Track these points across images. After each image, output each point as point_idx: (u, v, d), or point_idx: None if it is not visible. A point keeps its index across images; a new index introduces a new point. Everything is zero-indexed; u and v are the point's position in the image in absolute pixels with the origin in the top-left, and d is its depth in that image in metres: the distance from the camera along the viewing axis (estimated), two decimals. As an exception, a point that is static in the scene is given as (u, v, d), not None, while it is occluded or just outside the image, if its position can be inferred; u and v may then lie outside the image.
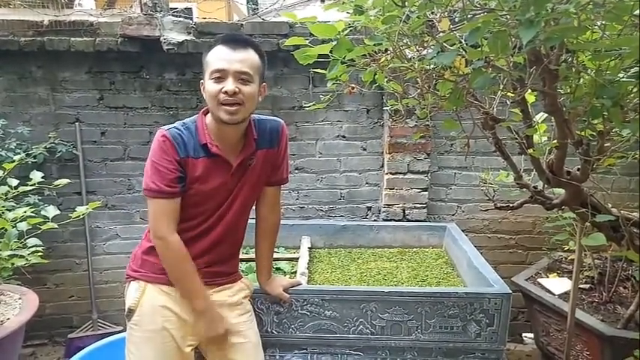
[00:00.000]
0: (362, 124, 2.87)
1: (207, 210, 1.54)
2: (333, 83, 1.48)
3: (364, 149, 2.90)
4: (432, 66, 1.35)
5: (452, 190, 2.92)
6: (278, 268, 2.42)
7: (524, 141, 1.65)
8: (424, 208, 2.83)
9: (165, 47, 2.53)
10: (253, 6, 5.31)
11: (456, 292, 1.81)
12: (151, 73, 2.70)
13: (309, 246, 2.56)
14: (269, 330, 1.86)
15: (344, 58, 1.28)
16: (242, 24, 2.68)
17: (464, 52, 1.31)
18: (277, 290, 1.81)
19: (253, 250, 1.92)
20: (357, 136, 2.89)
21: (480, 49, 1.26)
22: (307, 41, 1.41)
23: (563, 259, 2.68)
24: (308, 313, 1.85)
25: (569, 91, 1.44)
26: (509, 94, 1.67)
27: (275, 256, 2.46)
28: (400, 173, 2.79)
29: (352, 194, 2.95)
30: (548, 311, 2.27)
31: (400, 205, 2.83)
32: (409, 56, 1.43)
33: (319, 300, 1.84)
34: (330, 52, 1.35)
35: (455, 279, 2.29)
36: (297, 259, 2.38)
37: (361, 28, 1.53)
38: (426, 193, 2.82)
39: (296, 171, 2.91)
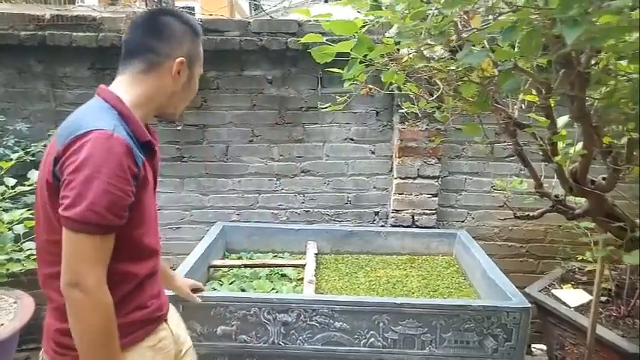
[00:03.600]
0: (371, 126, 2.79)
1: (149, 231, 1.19)
2: (351, 83, 1.39)
3: (373, 152, 2.82)
4: (455, 67, 1.27)
5: (462, 196, 2.84)
6: (284, 275, 2.34)
7: (549, 148, 1.57)
8: (434, 214, 2.75)
9: (170, 44, 2.45)
10: (255, 3, 5.23)
11: (473, 305, 1.73)
12: (154, 70, 2.61)
13: (316, 252, 2.48)
14: (275, 341, 1.78)
15: (365, 57, 1.20)
16: (249, 22, 2.60)
17: (491, 53, 1.23)
18: (186, 290, 1.65)
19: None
20: (366, 139, 2.80)
21: (508, 49, 1.18)
22: (324, 39, 1.32)
23: (577, 269, 2.60)
24: (317, 325, 1.77)
25: (599, 95, 1.37)
26: (529, 97, 1.60)
27: (280, 262, 2.40)
28: (410, 178, 2.71)
29: (359, 198, 2.87)
30: (564, 324, 2.19)
31: (409, 211, 2.75)
32: (435, 56, 1.35)
33: (329, 311, 1.76)
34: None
35: (467, 289, 2.21)
36: (304, 265, 2.29)
37: (379, 26, 1.46)
38: (436, 198, 2.74)
39: (302, 174, 2.83)
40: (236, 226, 2.68)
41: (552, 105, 1.61)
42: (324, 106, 1.55)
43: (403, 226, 2.75)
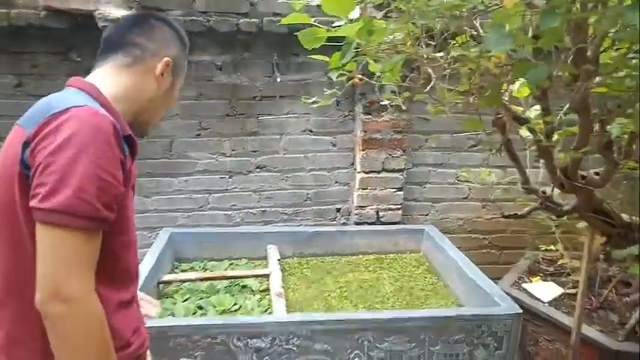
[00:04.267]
0: (331, 117, 2.59)
1: (131, 245, 1.02)
2: (340, 74, 1.18)
3: (333, 145, 2.62)
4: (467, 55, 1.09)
5: (426, 189, 2.73)
6: (244, 286, 2.10)
7: (546, 142, 1.46)
8: (399, 209, 2.62)
9: (101, 24, 2.09)
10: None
11: (463, 315, 1.60)
12: (83, 54, 2.24)
13: (278, 257, 2.25)
14: (248, 370, 1.55)
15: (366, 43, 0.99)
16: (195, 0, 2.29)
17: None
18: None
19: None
20: (326, 131, 2.60)
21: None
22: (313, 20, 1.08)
23: (541, 259, 2.58)
24: (294, 348, 1.56)
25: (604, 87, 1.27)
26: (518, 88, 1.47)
27: (240, 272, 2.15)
28: (374, 172, 2.55)
29: (320, 195, 2.67)
30: (538, 320, 2.13)
31: (374, 207, 2.59)
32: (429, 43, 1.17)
33: (308, 332, 1.55)
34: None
35: (443, 290, 2.09)
36: (268, 275, 2.07)
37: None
38: (402, 192, 2.60)
39: (257, 170, 2.59)
40: (186, 232, 2.39)
41: (527, 94, 1.51)
42: (309, 100, 1.32)
43: (368, 223, 2.59)
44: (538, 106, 1.49)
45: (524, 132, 1.52)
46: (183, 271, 2.26)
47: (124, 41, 1.01)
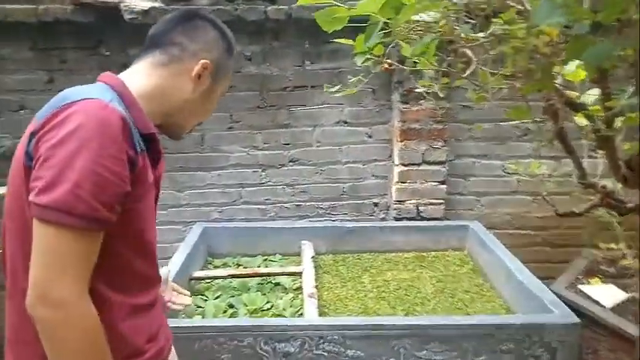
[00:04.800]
0: (367, 107, 2.45)
1: (146, 245, 0.94)
2: (367, 58, 1.05)
3: (369, 136, 2.49)
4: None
5: (470, 182, 2.55)
6: (277, 284, 2.02)
7: (607, 131, 1.27)
8: (441, 203, 2.46)
9: (127, 17, 2.05)
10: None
11: (512, 324, 1.45)
12: (111, 48, 2.22)
13: (312, 254, 2.15)
14: (275, 377, 1.47)
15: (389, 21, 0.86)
16: (222, -13, 2.21)
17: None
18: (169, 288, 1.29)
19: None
20: (361, 122, 2.47)
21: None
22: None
23: (600, 258, 2.35)
24: (325, 354, 1.46)
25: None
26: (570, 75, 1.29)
27: (273, 270, 2.07)
28: (414, 164, 2.40)
29: (356, 188, 2.55)
30: (598, 327, 1.93)
31: (413, 201, 2.45)
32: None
33: (339, 337, 1.45)
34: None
35: (489, 293, 1.93)
36: (301, 273, 1.97)
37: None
38: (444, 186, 2.44)
39: (290, 163, 2.50)
40: (219, 227, 2.34)
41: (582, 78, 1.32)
42: (332, 88, 1.21)
43: (407, 219, 2.45)
44: (595, 91, 1.32)
45: (580, 119, 1.34)
46: (215, 267, 2.22)
47: (165, 39, 0.97)
